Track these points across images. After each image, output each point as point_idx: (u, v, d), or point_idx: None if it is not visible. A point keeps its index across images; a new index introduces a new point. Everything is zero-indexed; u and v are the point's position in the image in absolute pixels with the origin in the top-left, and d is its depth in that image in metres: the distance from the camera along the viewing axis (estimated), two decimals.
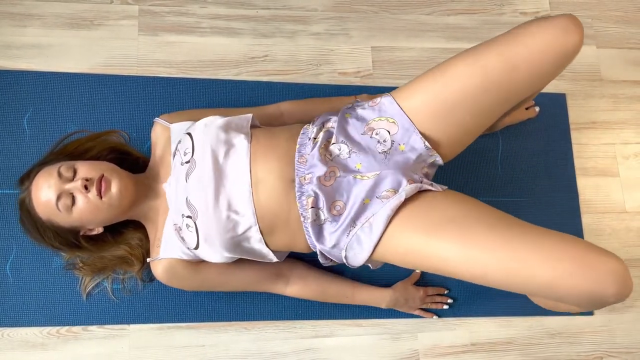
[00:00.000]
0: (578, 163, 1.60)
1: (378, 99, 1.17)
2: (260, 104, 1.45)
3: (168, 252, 1.21)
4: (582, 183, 1.59)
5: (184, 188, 1.13)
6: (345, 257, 1.12)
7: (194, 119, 1.25)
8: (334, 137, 1.13)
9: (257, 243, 1.15)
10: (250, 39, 1.56)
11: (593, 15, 1.73)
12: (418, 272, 1.44)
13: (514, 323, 1.48)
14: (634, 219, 1.59)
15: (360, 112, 1.17)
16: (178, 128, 1.28)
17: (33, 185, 1.15)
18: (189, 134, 1.18)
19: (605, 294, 0.93)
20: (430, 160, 1.16)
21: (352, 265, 1.14)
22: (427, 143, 1.12)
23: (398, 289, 1.40)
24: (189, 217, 1.12)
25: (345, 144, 1.12)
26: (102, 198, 1.12)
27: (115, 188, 1.14)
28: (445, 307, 1.44)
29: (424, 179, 1.12)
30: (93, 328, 1.35)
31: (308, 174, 1.10)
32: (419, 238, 1.04)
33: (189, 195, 1.12)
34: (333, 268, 1.38)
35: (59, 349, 1.33)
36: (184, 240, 1.16)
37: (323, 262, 1.18)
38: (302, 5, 1.61)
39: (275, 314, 1.40)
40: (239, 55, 1.55)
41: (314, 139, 1.14)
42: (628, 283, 0.93)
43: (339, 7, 1.62)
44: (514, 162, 1.57)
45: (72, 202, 1.12)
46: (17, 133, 1.42)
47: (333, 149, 1.12)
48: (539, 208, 1.54)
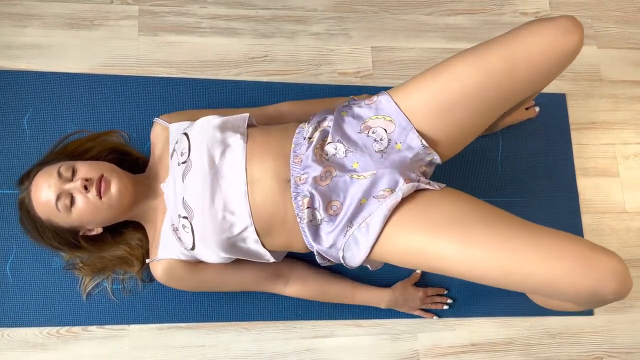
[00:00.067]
0: (578, 163, 1.60)
1: (375, 97, 1.16)
2: (260, 104, 1.45)
3: (167, 252, 1.21)
4: (582, 183, 1.59)
5: (181, 188, 1.13)
6: (343, 257, 1.11)
7: (194, 119, 1.25)
8: (330, 136, 1.12)
9: (253, 244, 1.14)
10: (250, 39, 1.56)
11: (593, 16, 1.73)
12: (418, 272, 1.44)
13: (514, 323, 1.48)
14: (634, 219, 1.59)
15: (357, 110, 1.16)
16: (176, 128, 1.28)
17: (33, 185, 1.14)
18: (186, 134, 1.18)
19: (605, 292, 0.93)
20: (428, 159, 1.15)
21: (349, 266, 1.13)
22: (424, 142, 1.11)
23: (398, 289, 1.40)
24: (185, 217, 1.12)
25: (342, 143, 1.11)
26: (101, 198, 1.12)
27: (115, 188, 1.13)
28: (445, 307, 1.44)
29: (422, 178, 1.11)
30: (93, 328, 1.35)
31: (304, 174, 1.10)
32: (417, 237, 1.04)
33: (186, 196, 1.12)
34: (333, 268, 1.38)
35: (59, 349, 1.33)
36: (181, 241, 1.16)
37: (320, 262, 1.18)
38: (302, 5, 1.61)
39: (275, 314, 1.40)
40: (239, 56, 1.55)
41: (309, 139, 1.13)
42: (627, 281, 0.93)
43: (339, 7, 1.62)
44: (514, 162, 1.57)
45: (71, 202, 1.12)
46: (17, 133, 1.42)
47: (329, 149, 1.12)
48: (539, 208, 1.54)
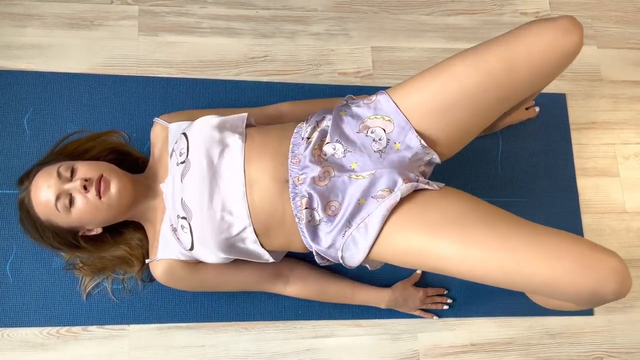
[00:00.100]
0: (578, 163, 1.60)
1: (374, 97, 1.15)
2: (260, 104, 1.45)
3: (166, 252, 1.21)
4: (582, 183, 1.59)
5: (180, 189, 1.13)
6: (342, 257, 1.11)
7: (194, 119, 1.24)
8: (329, 136, 1.12)
9: (252, 244, 1.14)
10: (250, 39, 1.56)
11: (593, 16, 1.73)
12: (418, 272, 1.44)
13: (514, 323, 1.48)
14: (634, 219, 1.59)
15: (356, 109, 1.15)
16: (176, 128, 1.28)
17: (32, 186, 1.14)
18: (185, 134, 1.18)
19: (605, 292, 0.93)
20: (427, 159, 1.15)
21: (349, 266, 1.13)
22: (423, 141, 1.11)
23: (398, 290, 1.40)
24: (184, 218, 1.12)
25: (340, 143, 1.11)
26: (101, 198, 1.12)
27: (115, 188, 1.13)
28: (445, 307, 1.44)
29: (420, 178, 1.11)
30: (93, 328, 1.35)
31: (302, 175, 1.09)
32: (417, 237, 1.03)
33: (184, 196, 1.12)
34: (333, 268, 1.38)
35: (59, 349, 1.33)
36: (180, 241, 1.16)
37: (320, 262, 1.18)
38: (302, 6, 1.61)
39: (275, 314, 1.40)
40: (239, 56, 1.55)
41: (308, 139, 1.13)
42: (627, 281, 0.93)
43: (339, 7, 1.62)
44: (514, 162, 1.57)
45: (70, 202, 1.12)
46: (17, 133, 1.42)
47: (328, 149, 1.11)
48: (539, 208, 1.54)
